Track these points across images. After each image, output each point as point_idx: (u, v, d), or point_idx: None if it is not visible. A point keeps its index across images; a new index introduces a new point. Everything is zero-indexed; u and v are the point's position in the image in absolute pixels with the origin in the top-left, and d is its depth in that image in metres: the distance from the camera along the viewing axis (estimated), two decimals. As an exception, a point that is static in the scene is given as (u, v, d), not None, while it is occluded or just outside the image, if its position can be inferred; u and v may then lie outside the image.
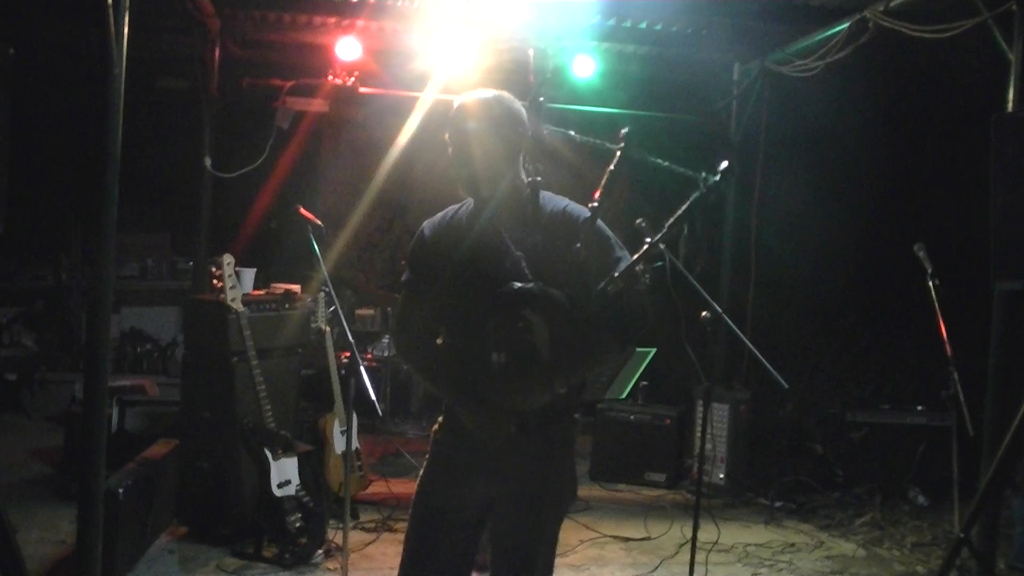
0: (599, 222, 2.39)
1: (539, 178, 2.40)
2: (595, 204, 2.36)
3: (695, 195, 2.35)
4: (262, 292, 5.11)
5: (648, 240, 2.28)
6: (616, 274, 2.23)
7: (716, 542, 4.85)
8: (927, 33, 4.62)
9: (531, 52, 6.05)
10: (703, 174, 2.39)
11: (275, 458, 4.35)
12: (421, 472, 2.57)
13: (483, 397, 2.35)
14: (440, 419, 2.56)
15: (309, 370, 5.54)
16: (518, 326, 2.26)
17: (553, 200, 2.47)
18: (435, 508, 2.49)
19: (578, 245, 2.29)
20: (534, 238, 2.36)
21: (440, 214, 2.57)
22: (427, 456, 2.57)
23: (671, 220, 2.32)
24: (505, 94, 2.49)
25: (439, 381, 2.49)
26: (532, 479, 2.42)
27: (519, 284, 2.23)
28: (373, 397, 3.90)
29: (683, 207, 2.34)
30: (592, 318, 2.26)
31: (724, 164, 2.36)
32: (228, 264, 4.44)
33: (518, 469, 2.41)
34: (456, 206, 2.57)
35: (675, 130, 7.12)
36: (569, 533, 5.06)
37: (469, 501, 2.46)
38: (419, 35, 5.97)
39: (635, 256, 2.29)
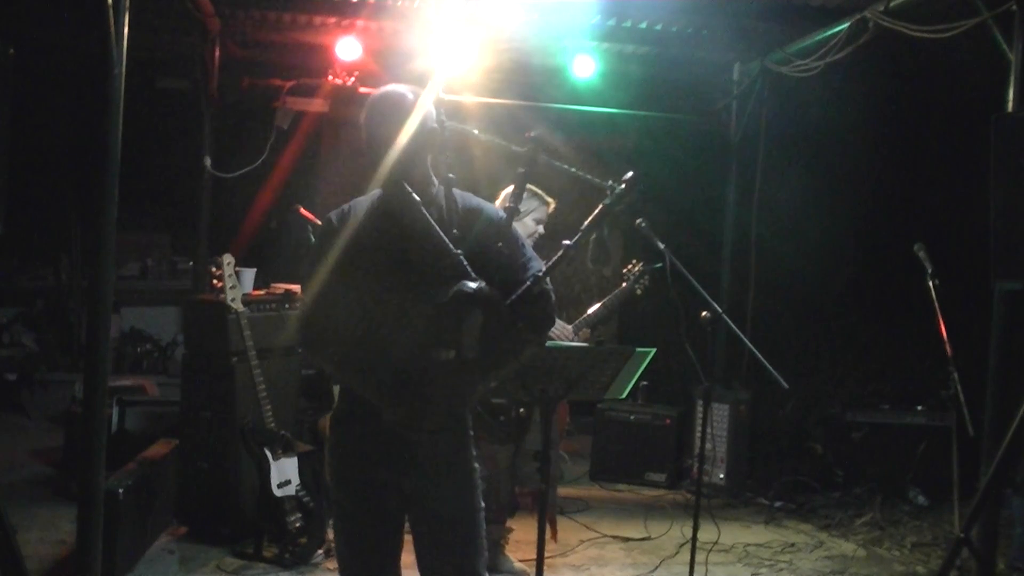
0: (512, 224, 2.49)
1: (451, 175, 2.45)
2: (510, 206, 2.43)
3: (604, 202, 2.47)
4: (262, 292, 5.11)
5: (565, 243, 2.40)
6: (541, 273, 2.37)
7: (716, 542, 4.85)
8: (927, 33, 4.61)
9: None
10: (610, 182, 2.51)
11: (275, 458, 4.36)
12: (332, 466, 2.60)
13: (420, 392, 2.38)
14: (334, 412, 2.60)
15: (309, 370, 5.54)
16: (465, 324, 2.29)
17: (465, 197, 2.52)
18: (360, 497, 2.53)
19: (500, 244, 2.39)
20: (452, 235, 2.37)
21: (347, 206, 2.55)
22: (329, 451, 2.61)
23: (584, 225, 2.45)
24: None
25: (360, 375, 2.47)
26: (447, 471, 2.51)
27: (474, 284, 2.25)
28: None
29: (593, 215, 2.46)
30: (515, 316, 2.33)
31: (629, 174, 2.48)
32: (228, 264, 4.45)
33: (434, 462, 2.48)
34: (363, 198, 2.55)
35: (675, 130, 7.13)
36: (569, 533, 5.06)
37: (390, 488, 2.50)
38: (419, 35, 5.96)
39: (554, 258, 2.39)
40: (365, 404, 2.47)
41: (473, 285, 2.23)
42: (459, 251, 2.31)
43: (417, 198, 2.35)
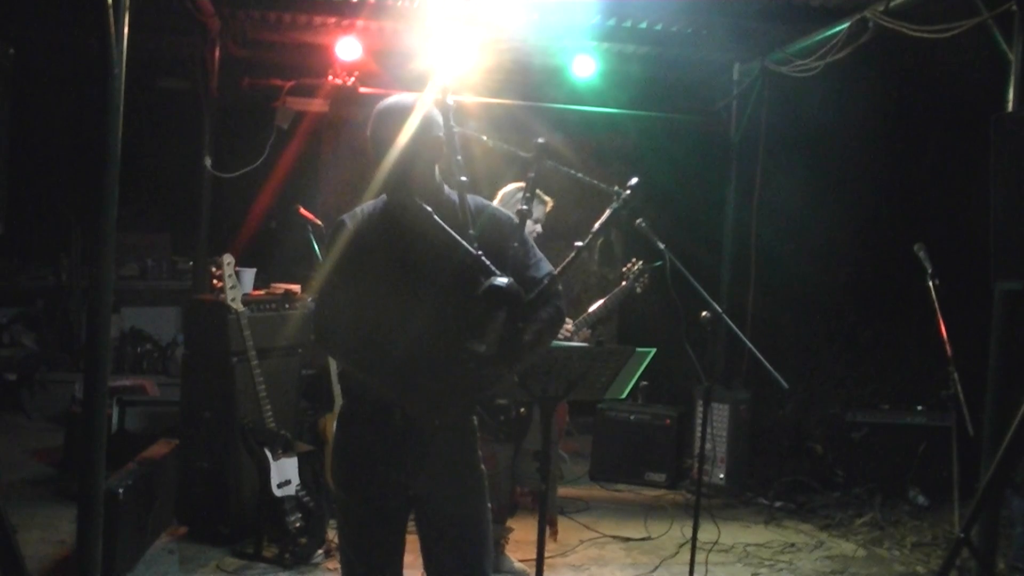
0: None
1: (464, 178, 2.46)
2: (522, 208, 2.45)
3: (612, 207, 2.54)
4: (262, 292, 5.11)
5: (577, 244, 2.45)
6: (558, 271, 2.44)
7: (716, 542, 4.85)
8: (927, 33, 4.62)
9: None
10: (616, 187, 2.55)
11: (275, 458, 4.35)
12: (336, 466, 2.62)
13: (437, 385, 2.40)
14: (340, 414, 2.62)
15: (309, 370, 5.54)
16: (493, 318, 2.30)
17: (476, 200, 2.56)
18: (365, 498, 2.53)
19: (515, 244, 2.43)
20: (468, 235, 2.39)
21: (358, 209, 2.59)
22: (334, 451, 2.63)
23: (595, 228, 2.53)
24: None
25: (371, 370, 2.49)
26: (455, 471, 2.53)
27: (504, 279, 2.26)
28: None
29: (602, 219, 2.54)
30: (532, 314, 2.37)
31: (635, 180, 2.56)
32: (228, 264, 4.45)
33: (442, 462, 2.50)
34: (372, 203, 2.59)
35: (675, 130, 7.13)
36: (569, 533, 5.06)
37: (396, 488, 2.51)
38: (419, 35, 5.97)
39: (567, 259, 2.44)
40: (370, 404, 2.48)
41: (504, 280, 2.25)
42: (479, 252, 2.32)
43: (429, 208, 2.37)
